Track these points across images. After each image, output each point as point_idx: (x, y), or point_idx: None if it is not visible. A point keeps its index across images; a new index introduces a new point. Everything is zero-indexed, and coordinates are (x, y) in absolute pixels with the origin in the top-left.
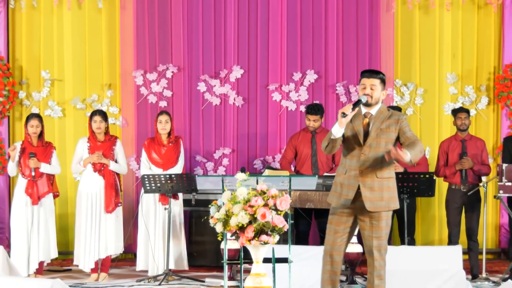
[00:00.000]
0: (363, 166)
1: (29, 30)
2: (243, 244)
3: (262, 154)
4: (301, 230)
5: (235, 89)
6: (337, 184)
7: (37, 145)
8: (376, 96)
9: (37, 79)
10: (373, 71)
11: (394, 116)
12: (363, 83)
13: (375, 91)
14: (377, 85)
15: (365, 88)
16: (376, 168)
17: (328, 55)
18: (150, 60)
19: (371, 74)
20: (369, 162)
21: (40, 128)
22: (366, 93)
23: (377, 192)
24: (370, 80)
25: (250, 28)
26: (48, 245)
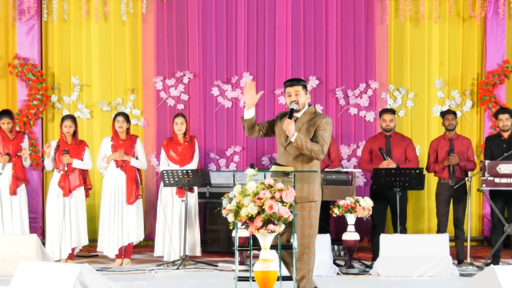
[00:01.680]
0: (286, 161)
1: (60, 40)
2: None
3: (269, 151)
4: None
5: None
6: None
7: (71, 143)
8: (301, 101)
9: (67, 85)
10: (295, 79)
11: (316, 118)
12: (288, 92)
13: (300, 97)
14: (301, 91)
15: (291, 95)
16: (296, 164)
17: (329, 63)
18: (169, 67)
19: (294, 83)
20: (291, 159)
21: (73, 128)
22: (293, 100)
23: (298, 186)
24: (294, 88)
25: (258, 39)
26: (78, 233)
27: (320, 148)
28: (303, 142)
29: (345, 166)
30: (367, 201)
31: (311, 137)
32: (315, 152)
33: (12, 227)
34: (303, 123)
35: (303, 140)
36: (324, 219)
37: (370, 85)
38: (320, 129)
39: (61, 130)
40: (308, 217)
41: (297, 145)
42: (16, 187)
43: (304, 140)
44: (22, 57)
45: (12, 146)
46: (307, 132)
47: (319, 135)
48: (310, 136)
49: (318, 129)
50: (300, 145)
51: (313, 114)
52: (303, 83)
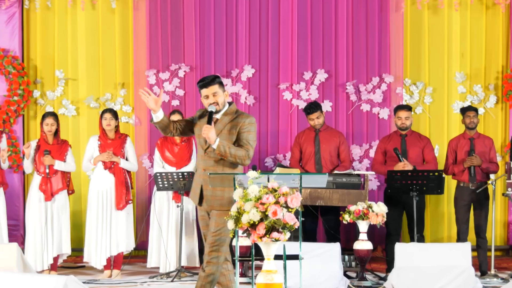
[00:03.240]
0: (206, 165)
1: (43, 30)
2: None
3: (273, 152)
4: (308, 227)
5: (247, 88)
6: (194, 182)
7: (53, 143)
8: (220, 100)
9: (51, 78)
10: (208, 78)
11: (239, 119)
12: (205, 94)
13: (218, 97)
14: (218, 90)
15: (208, 97)
16: (217, 168)
17: (338, 55)
18: (163, 59)
19: (209, 82)
20: (211, 162)
21: (55, 126)
22: (211, 102)
23: (219, 192)
24: (209, 89)
25: (261, 28)
26: (60, 240)
27: (246, 153)
28: (226, 149)
29: (357, 168)
30: (380, 206)
31: (234, 139)
32: (240, 158)
33: None
34: (224, 124)
35: (226, 147)
36: (334, 226)
37: (384, 79)
38: (244, 131)
39: (42, 128)
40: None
41: (220, 152)
42: None
43: (228, 146)
44: (1, 49)
45: None
46: (229, 134)
47: (243, 138)
48: (232, 138)
49: (242, 131)
50: (224, 152)
51: (234, 114)
52: (219, 80)
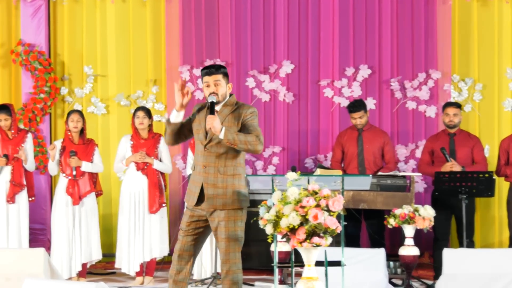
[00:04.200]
0: (206, 161)
1: (71, 23)
2: (294, 246)
3: (314, 152)
4: (350, 232)
5: (285, 85)
6: (190, 182)
7: (78, 143)
8: (221, 92)
9: (79, 75)
10: (214, 66)
11: (240, 110)
12: (206, 81)
13: (220, 87)
14: (221, 80)
15: (209, 86)
16: (219, 164)
17: (382, 49)
18: (197, 54)
19: (213, 70)
20: (211, 158)
21: (81, 124)
22: (211, 91)
23: (221, 190)
24: (212, 77)
25: (300, 21)
26: (89, 246)
27: (256, 138)
28: (235, 136)
29: (402, 169)
30: (427, 210)
31: (234, 130)
32: (252, 143)
33: (8, 241)
34: (225, 116)
35: (233, 134)
36: (378, 231)
37: (431, 75)
38: (248, 120)
39: (67, 127)
40: (233, 228)
41: (229, 141)
42: (14, 194)
43: (235, 133)
44: (27, 43)
45: (12, 147)
46: (232, 125)
47: (249, 125)
48: (235, 129)
49: (245, 121)
50: (232, 139)
51: (235, 105)
52: (224, 71)
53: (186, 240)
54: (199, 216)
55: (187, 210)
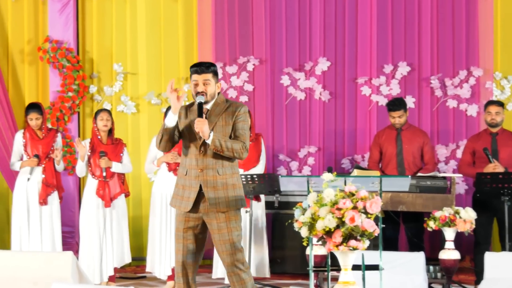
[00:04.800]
0: (203, 164)
1: (100, 20)
2: (330, 249)
3: (350, 152)
4: (388, 235)
5: (321, 83)
6: (178, 186)
7: (107, 143)
8: (211, 91)
9: (109, 73)
10: (203, 64)
11: (232, 107)
12: (194, 79)
13: (209, 86)
14: (211, 80)
15: (198, 85)
16: (217, 165)
17: (422, 46)
18: (230, 52)
19: (203, 69)
20: (209, 160)
21: (110, 123)
22: (199, 91)
23: (221, 191)
24: (202, 76)
25: (337, 16)
26: (121, 249)
27: (243, 146)
28: (222, 143)
29: (442, 170)
30: (469, 212)
31: (230, 130)
32: (237, 151)
33: (42, 243)
34: (217, 115)
35: (221, 140)
36: (418, 234)
37: (472, 72)
38: (239, 121)
39: (95, 126)
40: (236, 227)
41: (216, 147)
42: (46, 195)
43: (223, 139)
44: (54, 40)
45: (42, 147)
46: (226, 125)
47: (239, 128)
48: (229, 130)
49: (237, 121)
50: (219, 146)
51: (226, 103)
52: (214, 69)
53: (187, 248)
54: (195, 219)
55: (179, 215)
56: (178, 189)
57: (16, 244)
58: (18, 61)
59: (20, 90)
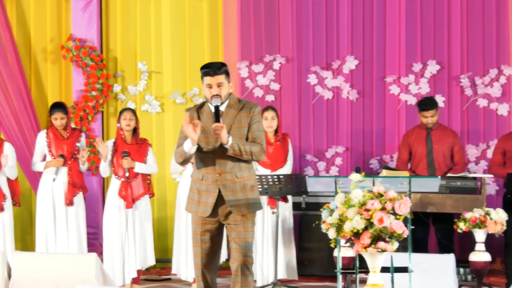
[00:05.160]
0: (221, 168)
1: (124, 17)
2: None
3: (379, 152)
4: (418, 236)
5: (349, 82)
6: (194, 191)
7: (131, 143)
8: (224, 93)
9: (133, 71)
10: (215, 65)
11: (246, 108)
12: (208, 83)
13: (223, 89)
14: (224, 81)
15: (212, 87)
16: (234, 168)
17: (452, 44)
18: (256, 50)
19: (215, 71)
20: (226, 164)
21: (134, 122)
22: (214, 94)
23: (240, 194)
24: (216, 78)
25: (365, 14)
26: (144, 251)
27: (261, 148)
28: (241, 147)
29: (472, 170)
30: (500, 213)
31: (246, 132)
32: (256, 154)
33: (68, 245)
34: (233, 117)
35: (240, 145)
36: (447, 235)
37: (503, 71)
38: (255, 122)
39: (118, 126)
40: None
41: (234, 152)
42: (72, 196)
43: (241, 143)
44: (77, 39)
45: (67, 147)
46: (241, 127)
47: (256, 130)
48: (244, 131)
49: (253, 122)
50: (238, 151)
51: (239, 103)
52: (226, 69)
53: (205, 251)
54: (213, 222)
55: (196, 218)
56: (193, 194)
57: (41, 245)
58: (41, 60)
59: (43, 90)
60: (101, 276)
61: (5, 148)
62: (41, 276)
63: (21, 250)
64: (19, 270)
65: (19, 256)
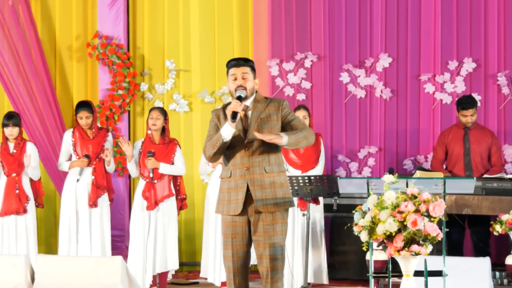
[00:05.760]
0: (249, 162)
1: (151, 14)
2: (391, 255)
3: (413, 153)
4: (454, 239)
5: (382, 80)
6: (223, 191)
7: (159, 143)
8: (250, 86)
9: (160, 70)
10: (242, 58)
11: (274, 103)
12: (233, 73)
13: (248, 81)
14: (249, 73)
15: (236, 79)
16: (263, 162)
17: (489, 41)
18: (287, 48)
19: (241, 62)
20: (255, 158)
21: (161, 121)
22: (239, 84)
23: (269, 190)
24: (240, 69)
25: (399, 11)
26: (164, 255)
27: (309, 130)
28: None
29: (510, 171)
30: None
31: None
32: (307, 136)
33: (91, 247)
34: (260, 111)
35: (291, 135)
36: (483, 238)
37: None
38: (287, 113)
39: (147, 126)
40: (282, 231)
41: (291, 144)
42: (96, 197)
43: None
44: (104, 36)
45: (93, 147)
46: (270, 120)
47: (292, 119)
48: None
49: (286, 114)
50: (295, 141)
51: (265, 100)
52: (252, 64)
53: (237, 254)
54: (242, 223)
55: (226, 220)
56: (223, 194)
57: (64, 248)
58: (66, 58)
59: (68, 88)
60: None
61: (27, 148)
62: (65, 280)
63: (45, 253)
64: (42, 274)
65: (43, 259)
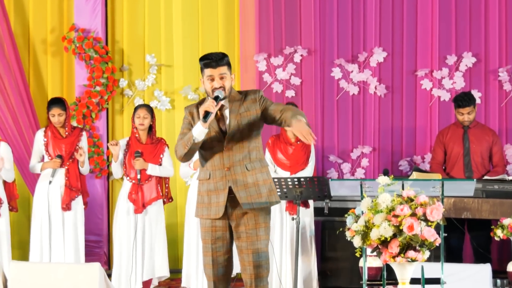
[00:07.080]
0: (229, 162)
1: (131, 6)
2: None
3: (409, 153)
4: (452, 244)
5: (377, 76)
6: (202, 194)
7: (146, 142)
8: (228, 85)
9: (141, 65)
10: (216, 55)
11: (250, 95)
12: (210, 74)
13: (226, 80)
14: (226, 73)
15: (214, 79)
16: (244, 160)
17: (489, 34)
18: (275, 42)
19: (218, 62)
20: (235, 156)
21: (148, 120)
22: (216, 86)
23: (253, 189)
24: (218, 70)
25: (394, 2)
26: (152, 262)
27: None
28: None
29: (511, 173)
30: None
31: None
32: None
33: (64, 253)
34: (238, 107)
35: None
36: (483, 243)
37: None
38: (266, 102)
39: (133, 124)
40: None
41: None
42: (70, 200)
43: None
44: (81, 29)
45: (66, 146)
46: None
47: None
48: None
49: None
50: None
51: (239, 94)
52: (228, 59)
53: (217, 260)
54: (223, 227)
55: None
56: (202, 197)
57: (36, 254)
58: (40, 52)
59: (43, 84)
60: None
61: (1, 148)
62: None
63: (19, 259)
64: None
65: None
